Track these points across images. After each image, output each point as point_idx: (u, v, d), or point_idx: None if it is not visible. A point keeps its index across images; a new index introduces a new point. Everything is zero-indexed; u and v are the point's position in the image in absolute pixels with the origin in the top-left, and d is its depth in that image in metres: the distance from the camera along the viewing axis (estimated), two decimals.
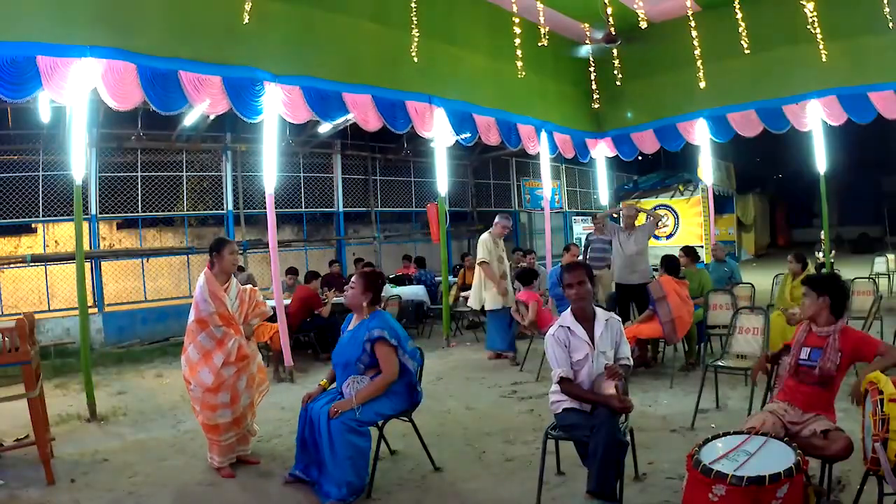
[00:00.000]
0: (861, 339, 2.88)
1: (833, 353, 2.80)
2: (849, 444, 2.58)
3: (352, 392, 3.27)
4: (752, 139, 9.51)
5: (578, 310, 3.09)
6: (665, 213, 17.23)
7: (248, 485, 3.52)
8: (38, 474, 3.59)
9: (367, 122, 6.96)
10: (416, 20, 6.54)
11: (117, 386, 6.20)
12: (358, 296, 3.47)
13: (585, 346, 3.01)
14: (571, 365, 3.00)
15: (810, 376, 2.85)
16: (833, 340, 2.83)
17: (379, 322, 3.39)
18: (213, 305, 3.62)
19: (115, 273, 9.47)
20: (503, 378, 5.92)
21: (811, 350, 2.88)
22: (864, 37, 7.59)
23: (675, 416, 4.36)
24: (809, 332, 2.96)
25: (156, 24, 5.36)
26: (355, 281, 3.53)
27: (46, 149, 8.59)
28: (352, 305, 3.54)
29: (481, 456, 3.84)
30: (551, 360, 3.06)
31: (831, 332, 2.85)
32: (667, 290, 5.36)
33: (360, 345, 3.33)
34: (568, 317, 3.12)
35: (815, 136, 8.39)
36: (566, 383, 2.97)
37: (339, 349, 3.50)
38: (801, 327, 3.03)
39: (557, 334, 3.07)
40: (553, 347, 3.04)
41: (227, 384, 3.62)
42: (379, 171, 12.48)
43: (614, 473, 2.70)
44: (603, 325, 3.06)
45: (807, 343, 2.92)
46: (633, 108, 9.99)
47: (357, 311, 3.53)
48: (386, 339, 3.31)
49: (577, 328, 3.05)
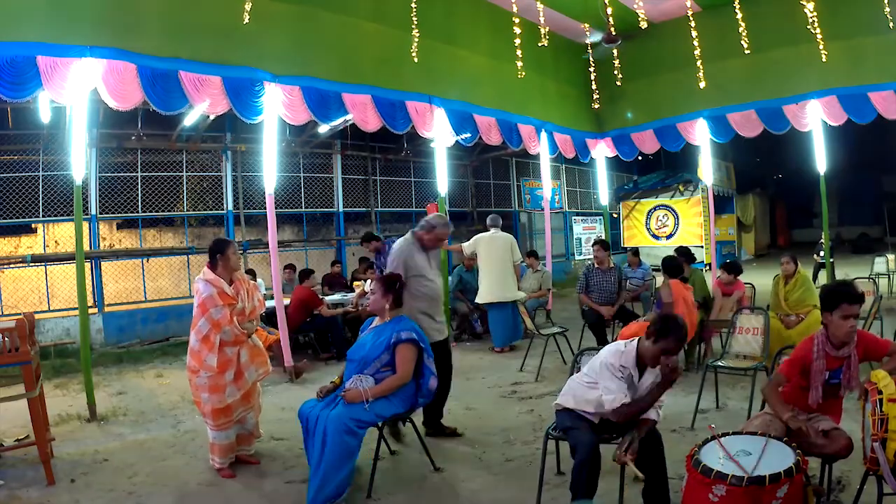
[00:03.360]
0: (871, 340, 2.86)
1: (855, 368, 2.76)
2: (849, 444, 2.58)
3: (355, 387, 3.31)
4: (752, 139, 9.51)
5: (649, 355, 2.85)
6: (665, 213, 17.27)
7: (248, 485, 3.52)
8: (38, 474, 3.59)
9: (366, 122, 6.96)
10: (416, 20, 6.54)
11: (117, 386, 6.20)
12: (379, 300, 3.57)
13: (633, 392, 2.87)
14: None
15: (833, 392, 2.82)
16: (854, 357, 2.75)
17: (406, 325, 3.50)
18: (225, 308, 3.63)
19: (115, 273, 9.46)
20: (503, 378, 5.92)
21: (831, 371, 2.79)
22: (864, 37, 7.59)
23: (675, 416, 4.35)
24: (827, 357, 2.79)
25: (156, 24, 5.36)
26: (375, 286, 3.64)
27: (46, 149, 8.58)
28: (375, 310, 3.64)
29: (481, 456, 3.84)
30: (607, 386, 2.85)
31: (850, 351, 2.76)
32: (675, 296, 5.23)
33: (383, 345, 3.40)
34: (632, 360, 2.90)
35: (815, 136, 8.40)
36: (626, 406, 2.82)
37: (357, 346, 3.56)
38: (815, 353, 2.79)
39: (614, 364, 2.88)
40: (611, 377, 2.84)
41: (231, 362, 3.65)
42: (379, 171, 12.48)
43: (587, 472, 2.68)
44: (654, 377, 2.89)
45: (828, 367, 2.79)
46: (633, 109, 10.00)
47: (381, 314, 3.62)
48: (415, 340, 3.42)
49: (636, 375, 2.89)
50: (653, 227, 17.42)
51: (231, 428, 3.67)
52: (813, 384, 2.78)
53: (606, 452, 2.80)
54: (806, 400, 2.84)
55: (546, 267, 8.83)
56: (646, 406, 2.81)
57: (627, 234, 17.92)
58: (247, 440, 3.85)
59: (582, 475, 2.67)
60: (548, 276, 8.51)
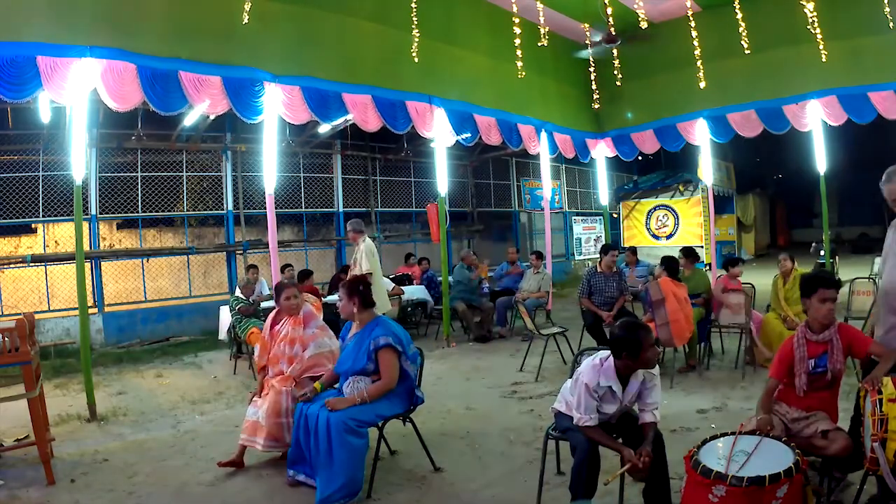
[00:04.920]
0: (854, 335, 2.88)
1: (839, 353, 2.80)
2: (849, 444, 2.58)
3: (353, 391, 3.31)
4: (752, 139, 9.52)
5: (625, 368, 2.80)
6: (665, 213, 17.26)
7: (248, 485, 3.52)
8: (38, 474, 3.59)
9: (366, 122, 6.96)
10: (416, 20, 6.54)
11: (117, 386, 6.20)
12: (347, 305, 3.49)
13: (617, 403, 2.85)
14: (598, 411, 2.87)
15: (822, 381, 2.83)
16: (836, 341, 2.81)
17: (383, 329, 3.40)
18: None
19: (115, 273, 9.46)
20: (503, 378, 5.92)
21: (816, 359, 2.83)
22: (864, 37, 7.60)
23: (675, 416, 4.35)
24: (809, 343, 2.86)
25: (156, 24, 5.37)
26: (341, 292, 3.56)
27: (46, 149, 8.58)
28: (346, 316, 3.57)
29: (481, 456, 3.84)
30: (577, 404, 2.83)
31: (832, 335, 2.82)
32: (665, 293, 5.30)
33: (364, 355, 3.35)
34: (612, 374, 2.81)
35: (814, 136, 8.40)
36: (591, 430, 2.80)
37: (343, 359, 3.51)
38: (795, 342, 2.87)
39: (594, 387, 2.80)
40: (585, 396, 2.81)
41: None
42: (379, 172, 12.48)
43: (587, 472, 2.68)
44: (639, 382, 2.86)
45: (810, 355, 2.84)
46: (633, 109, 10.00)
47: (352, 318, 3.55)
48: (392, 345, 3.34)
49: (618, 388, 2.83)
50: (653, 227, 17.40)
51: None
52: (797, 372, 2.84)
53: (606, 451, 2.80)
54: (809, 402, 2.83)
55: (546, 269, 8.83)
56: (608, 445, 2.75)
57: (627, 235, 17.91)
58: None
59: (581, 475, 2.67)
60: (548, 279, 8.52)
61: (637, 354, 2.70)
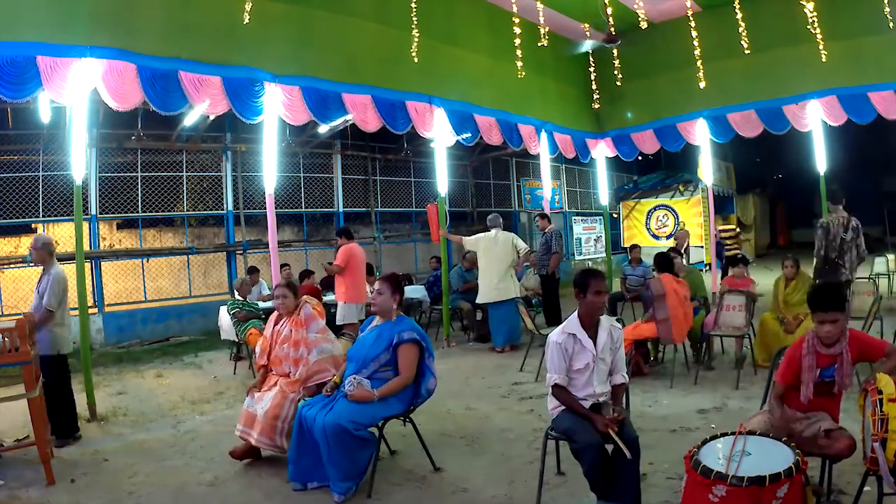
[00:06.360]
0: (865, 341, 2.83)
1: (848, 367, 2.75)
2: (852, 444, 2.57)
3: (352, 390, 3.31)
4: (752, 139, 9.52)
5: (587, 317, 3.00)
6: (665, 213, 17.27)
7: (248, 485, 3.52)
8: (38, 474, 3.59)
9: (366, 122, 6.96)
10: (416, 20, 6.54)
11: (117, 386, 6.19)
12: (388, 300, 3.48)
13: (589, 356, 2.95)
14: (570, 372, 2.98)
15: (828, 391, 2.79)
16: (846, 354, 2.74)
17: (408, 325, 3.47)
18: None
19: (115, 273, 9.46)
20: (503, 378, 5.92)
21: (824, 370, 2.78)
22: (864, 37, 7.60)
23: (675, 416, 4.34)
24: (818, 354, 2.77)
25: (156, 24, 5.36)
26: (382, 286, 3.51)
27: (46, 149, 8.58)
28: (382, 310, 3.53)
29: (481, 456, 3.84)
30: (550, 364, 3.00)
31: (842, 349, 2.75)
32: (666, 289, 5.33)
33: (384, 344, 3.39)
34: (574, 323, 3.01)
35: (814, 137, 8.40)
36: (559, 389, 2.95)
37: (358, 346, 3.54)
38: (805, 350, 2.79)
39: (562, 341, 2.97)
40: (554, 353, 2.97)
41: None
42: (379, 172, 12.47)
43: (600, 473, 2.71)
44: (607, 332, 3.01)
45: (819, 365, 2.78)
46: (633, 108, 10.00)
47: (387, 315, 3.53)
48: (417, 340, 3.39)
49: (584, 336, 2.97)
50: (653, 227, 17.41)
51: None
52: (804, 380, 2.78)
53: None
54: (812, 406, 2.82)
55: None
56: (577, 409, 2.88)
57: (627, 235, 17.91)
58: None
59: (597, 475, 2.71)
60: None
61: (585, 290, 2.97)
